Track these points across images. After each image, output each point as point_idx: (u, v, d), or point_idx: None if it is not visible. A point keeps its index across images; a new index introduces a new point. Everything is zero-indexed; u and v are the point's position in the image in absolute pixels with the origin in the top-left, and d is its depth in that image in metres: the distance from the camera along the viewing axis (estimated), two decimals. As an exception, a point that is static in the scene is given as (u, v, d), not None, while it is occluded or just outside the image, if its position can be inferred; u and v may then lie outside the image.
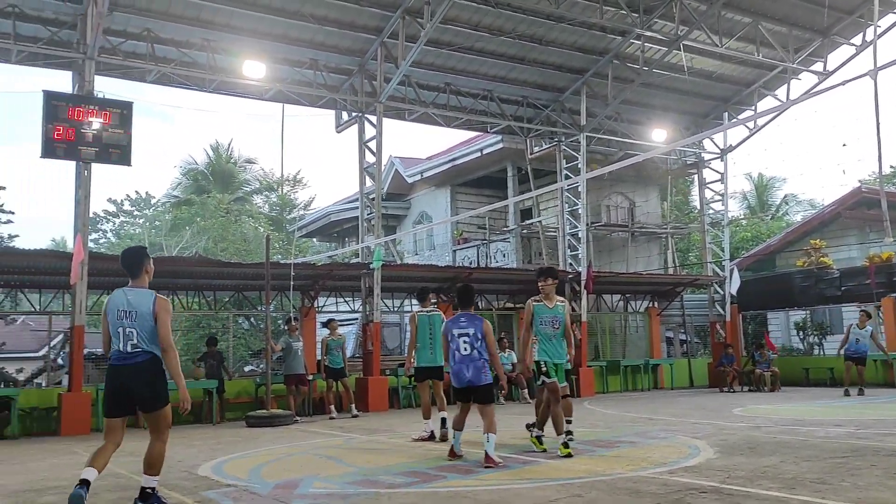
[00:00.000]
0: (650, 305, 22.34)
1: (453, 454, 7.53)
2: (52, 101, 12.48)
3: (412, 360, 9.71)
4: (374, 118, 16.45)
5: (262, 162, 40.59)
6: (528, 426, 8.55)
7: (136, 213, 39.21)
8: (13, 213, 22.56)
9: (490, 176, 23.72)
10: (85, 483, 5.06)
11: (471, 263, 22.82)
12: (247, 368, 21.90)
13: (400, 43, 15.25)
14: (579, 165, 19.08)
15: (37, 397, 13.33)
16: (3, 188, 22.04)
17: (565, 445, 7.63)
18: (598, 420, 11.85)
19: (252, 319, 24.62)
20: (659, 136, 20.11)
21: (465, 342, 7.43)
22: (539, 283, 7.94)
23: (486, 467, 6.91)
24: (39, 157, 12.52)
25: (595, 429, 9.99)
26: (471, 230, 24.53)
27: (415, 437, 9.53)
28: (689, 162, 22.58)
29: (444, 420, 9.25)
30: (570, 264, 19.36)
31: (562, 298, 8.11)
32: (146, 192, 39.70)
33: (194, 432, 12.01)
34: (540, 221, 22.02)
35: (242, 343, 23.74)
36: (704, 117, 21.26)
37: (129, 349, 5.31)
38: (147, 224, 35.52)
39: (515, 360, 16.35)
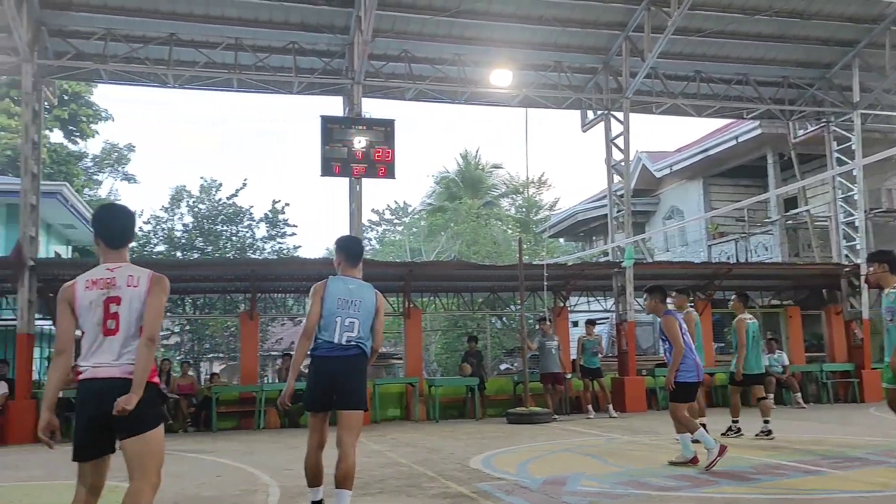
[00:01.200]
0: (948, 300, 19.49)
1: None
2: (328, 125, 13.92)
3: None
4: (620, 114, 16.26)
5: (508, 166, 42.28)
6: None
7: (395, 221, 42.22)
8: (296, 226, 25.42)
9: (747, 165, 22.19)
10: None
11: (728, 259, 21.56)
12: (502, 366, 22.66)
13: (646, 35, 14.91)
14: (853, 147, 17.23)
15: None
16: (288, 204, 24.87)
17: None
18: (891, 428, 10.61)
19: (504, 319, 25.40)
20: (953, 105, 17.52)
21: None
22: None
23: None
24: (319, 176, 14.03)
25: (889, 438, 8.96)
26: (727, 223, 23.16)
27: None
28: None
29: (704, 426, 9.00)
30: (847, 256, 17.57)
31: None
32: (403, 202, 42.64)
33: (459, 426, 12.70)
34: (808, 211, 20.21)
35: (496, 342, 24.57)
36: None
37: (343, 341, 4.84)
38: (405, 231, 38.05)
39: (786, 362, 15.22)
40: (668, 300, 7.98)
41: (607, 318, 20.06)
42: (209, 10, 13.85)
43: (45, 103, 14.73)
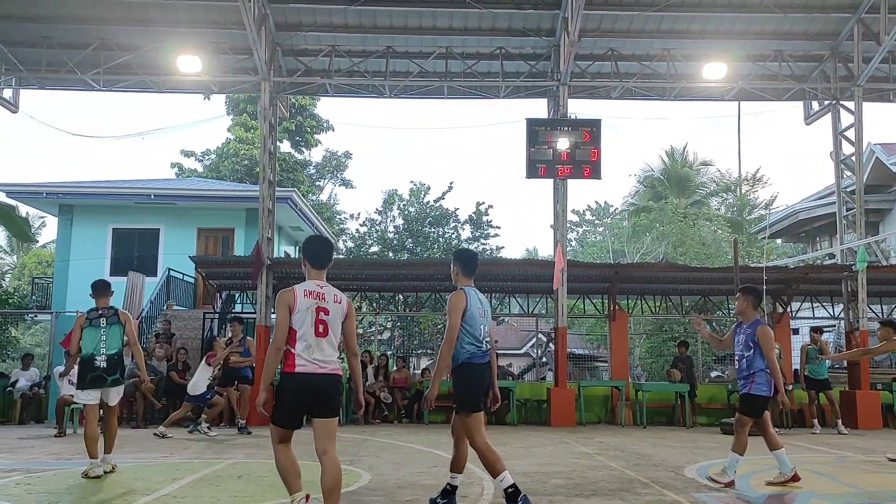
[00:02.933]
0: None
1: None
2: (534, 127, 14.05)
3: None
4: (850, 104, 14.96)
5: (719, 163, 40.02)
6: None
7: (596, 221, 41.60)
8: (499, 227, 25.96)
9: None
10: (516, 491, 5.19)
11: None
12: (713, 374, 21.59)
13: (882, 16, 13.57)
14: None
15: (529, 390, 15.08)
16: (491, 206, 25.45)
17: None
18: None
19: (714, 324, 24.14)
20: None
21: None
22: None
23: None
24: (525, 178, 14.20)
25: None
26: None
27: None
28: None
29: None
30: None
31: None
32: (604, 202, 41.91)
33: (668, 433, 12.31)
34: None
35: (706, 348, 23.38)
36: None
37: (486, 347, 5.39)
38: (607, 232, 37.39)
39: None
40: None
41: (833, 325, 18.46)
42: (422, 21, 14.55)
43: (278, 117, 16.21)
